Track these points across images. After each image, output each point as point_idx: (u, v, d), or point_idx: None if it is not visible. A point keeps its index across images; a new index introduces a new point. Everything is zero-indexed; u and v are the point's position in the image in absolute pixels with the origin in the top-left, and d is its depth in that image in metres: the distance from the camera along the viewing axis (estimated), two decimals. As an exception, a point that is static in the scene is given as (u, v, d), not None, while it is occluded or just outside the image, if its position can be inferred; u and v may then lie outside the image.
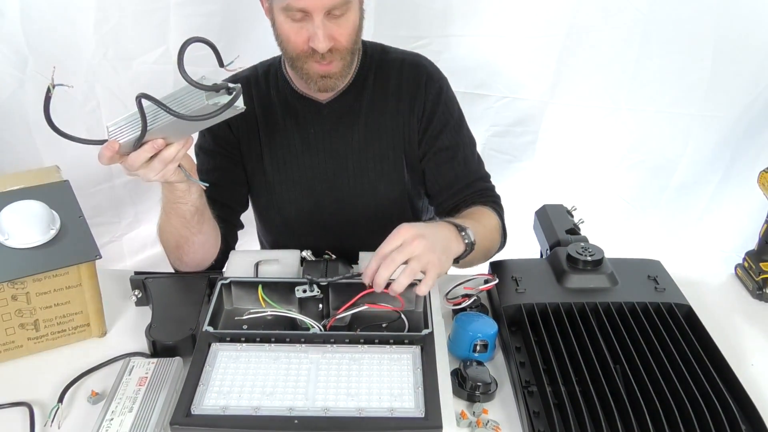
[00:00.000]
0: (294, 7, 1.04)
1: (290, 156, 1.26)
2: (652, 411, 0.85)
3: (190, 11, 1.49)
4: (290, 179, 1.27)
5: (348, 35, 1.11)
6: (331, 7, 1.05)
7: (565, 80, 1.67)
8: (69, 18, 1.45)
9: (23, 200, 1.00)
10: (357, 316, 1.02)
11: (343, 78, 1.18)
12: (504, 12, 1.58)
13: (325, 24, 1.06)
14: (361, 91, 1.24)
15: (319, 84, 1.15)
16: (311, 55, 1.10)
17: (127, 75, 1.55)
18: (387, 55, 1.27)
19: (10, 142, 1.59)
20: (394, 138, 1.26)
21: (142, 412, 0.84)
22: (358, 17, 1.12)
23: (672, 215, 1.86)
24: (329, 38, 1.08)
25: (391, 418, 0.81)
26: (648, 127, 1.71)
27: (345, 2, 1.06)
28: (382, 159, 1.27)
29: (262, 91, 1.25)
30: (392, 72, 1.25)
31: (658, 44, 1.58)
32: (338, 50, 1.11)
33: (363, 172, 1.27)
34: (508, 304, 1.07)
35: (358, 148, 1.26)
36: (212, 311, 0.97)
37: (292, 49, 1.11)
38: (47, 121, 0.89)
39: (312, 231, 1.32)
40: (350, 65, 1.17)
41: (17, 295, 0.97)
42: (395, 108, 1.25)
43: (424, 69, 1.27)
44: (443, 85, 1.28)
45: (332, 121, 1.24)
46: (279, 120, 1.25)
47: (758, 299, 1.22)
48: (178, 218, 1.10)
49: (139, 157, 0.92)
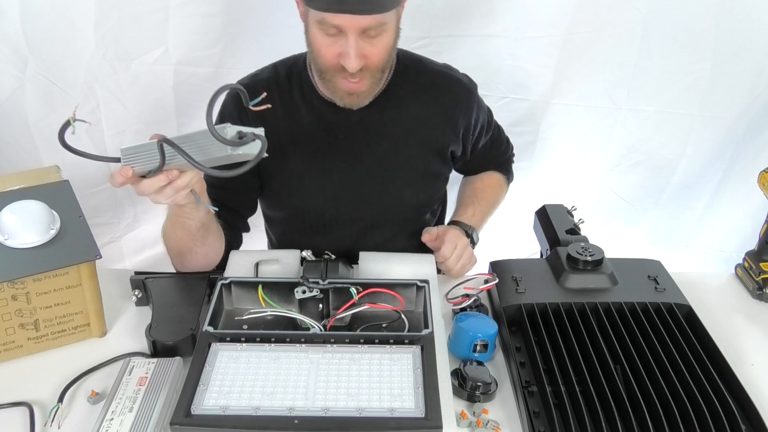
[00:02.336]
0: (329, 22, 1.02)
1: (315, 161, 1.23)
2: (652, 411, 0.85)
3: (190, 12, 1.49)
4: (314, 184, 1.25)
5: (381, 55, 1.08)
6: (367, 27, 1.03)
7: (565, 80, 1.67)
8: (69, 18, 1.45)
9: (23, 200, 1.00)
10: (357, 316, 1.02)
11: (370, 96, 1.16)
12: (504, 12, 1.58)
13: (358, 43, 1.04)
14: (393, 100, 1.22)
15: (345, 100, 1.14)
16: (340, 70, 1.08)
17: (126, 75, 1.55)
18: (422, 66, 1.26)
19: (10, 142, 1.58)
20: (424, 148, 1.26)
21: (142, 412, 0.84)
22: (393, 37, 1.10)
23: (672, 215, 1.86)
24: (361, 57, 1.05)
25: (391, 418, 0.81)
26: (648, 127, 1.71)
27: (381, 23, 1.03)
28: (411, 168, 1.26)
29: (285, 93, 1.22)
30: (428, 83, 1.24)
31: (658, 44, 1.58)
32: (369, 69, 1.09)
33: (390, 180, 1.26)
34: (508, 304, 1.07)
35: (386, 156, 1.24)
36: (212, 311, 0.97)
37: (322, 62, 1.09)
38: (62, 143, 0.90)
39: (326, 233, 1.30)
40: (379, 83, 1.15)
41: (17, 295, 0.97)
42: (429, 119, 1.24)
43: (461, 84, 1.27)
44: (476, 94, 1.30)
45: (361, 129, 1.22)
46: (305, 124, 1.22)
47: (758, 299, 1.22)
48: (184, 231, 1.09)
49: (152, 185, 0.91)
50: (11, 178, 1.08)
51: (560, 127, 1.76)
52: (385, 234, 1.31)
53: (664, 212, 1.86)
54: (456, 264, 1.22)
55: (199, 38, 1.53)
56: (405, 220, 1.32)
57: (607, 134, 1.74)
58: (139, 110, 1.61)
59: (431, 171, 1.29)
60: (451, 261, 1.21)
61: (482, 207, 1.40)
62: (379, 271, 1.14)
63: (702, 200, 1.83)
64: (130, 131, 1.63)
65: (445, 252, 1.21)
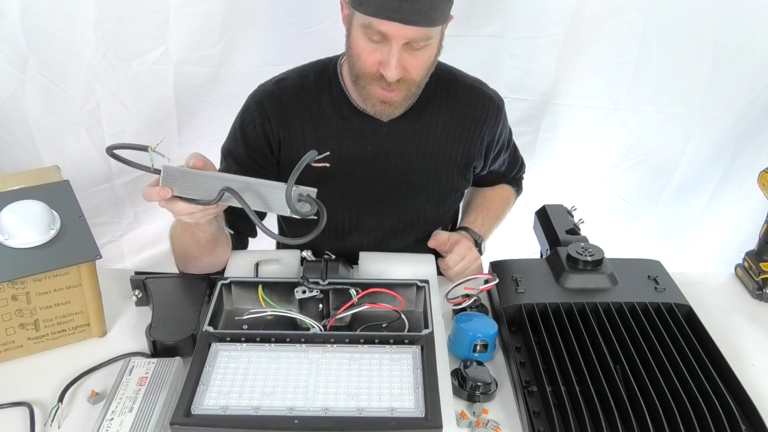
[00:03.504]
0: (375, 28, 1.01)
1: (339, 170, 1.21)
2: (652, 411, 0.85)
3: (190, 11, 1.49)
4: (336, 192, 1.23)
5: (420, 69, 1.08)
6: (412, 39, 1.02)
7: (565, 80, 1.67)
8: (69, 18, 1.45)
9: (23, 200, 1.00)
10: (357, 316, 1.02)
11: (403, 107, 1.15)
12: (504, 12, 1.58)
13: (401, 53, 1.03)
14: (425, 113, 1.21)
15: (377, 108, 1.13)
16: (378, 79, 1.07)
17: (126, 75, 1.55)
18: (455, 79, 1.25)
19: (10, 142, 1.58)
20: (449, 162, 1.25)
21: (142, 412, 0.84)
22: (435, 53, 1.09)
23: (672, 215, 1.86)
24: (401, 68, 1.04)
25: (391, 418, 0.81)
26: (648, 127, 1.71)
27: (427, 37, 1.03)
28: (435, 181, 1.26)
29: (313, 99, 1.19)
30: (460, 98, 1.24)
31: (658, 44, 1.58)
32: (406, 81, 1.08)
33: (414, 192, 1.26)
34: (508, 304, 1.07)
35: (412, 169, 1.24)
36: (212, 311, 0.97)
37: (360, 67, 1.08)
38: (110, 154, 0.90)
39: (344, 239, 1.28)
40: (413, 96, 1.14)
41: (17, 295, 0.97)
42: (459, 134, 1.24)
43: (491, 100, 1.27)
44: (503, 111, 1.30)
45: (391, 141, 1.21)
46: (332, 132, 1.20)
47: (758, 299, 1.22)
48: (193, 240, 1.09)
49: (186, 209, 0.91)
50: (11, 178, 1.08)
51: (560, 127, 1.76)
52: (401, 244, 1.30)
53: (664, 212, 1.86)
54: (458, 275, 1.21)
55: (199, 38, 1.53)
56: (423, 231, 1.31)
57: (607, 134, 1.75)
58: (139, 110, 1.61)
59: (453, 185, 1.29)
60: (453, 271, 1.21)
61: (491, 218, 1.41)
62: (379, 271, 1.14)
63: (702, 200, 1.83)
64: (130, 131, 1.63)
65: (450, 261, 1.21)
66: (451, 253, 1.21)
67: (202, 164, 0.92)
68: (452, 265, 1.21)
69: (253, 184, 0.90)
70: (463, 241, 1.25)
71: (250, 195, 0.90)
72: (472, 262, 1.23)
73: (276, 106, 1.18)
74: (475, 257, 1.24)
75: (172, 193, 0.90)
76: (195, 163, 0.91)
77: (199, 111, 1.65)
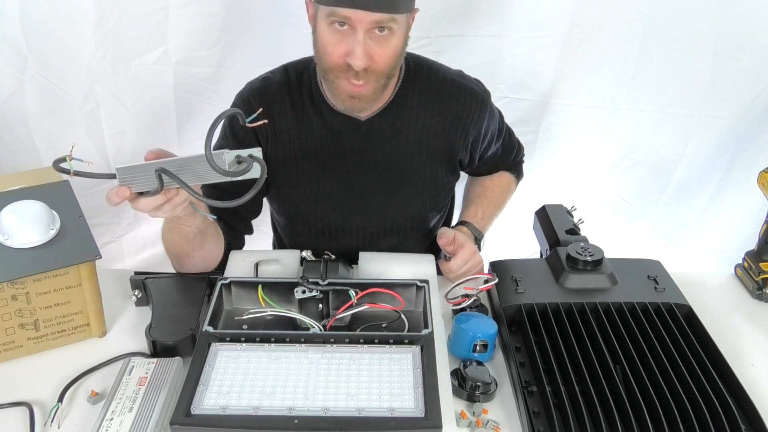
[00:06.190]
0: (339, 14, 1.01)
1: (323, 169, 1.23)
2: (652, 411, 0.85)
3: (190, 11, 1.49)
4: (321, 191, 1.24)
5: (387, 58, 1.07)
6: (377, 23, 1.02)
7: (565, 80, 1.67)
8: (68, 18, 1.45)
9: (23, 200, 1.00)
10: (357, 316, 1.02)
11: (373, 102, 1.14)
12: (504, 12, 1.58)
13: (366, 41, 1.03)
14: (404, 110, 1.21)
15: (346, 104, 1.13)
16: (345, 70, 1.07)
17: (126, 75, 1.55)
18: (435, 74, 1.24)
19: (10, 142, 1.58)
20: (432, 158, 1.25)
21: (142, 412, 0.84)
22: (401, 43, 1.09)
23: (672, 215, 1.86)
24: (367, 57, 1.04)
25: (391, 418, 0.81)
26: (648, 127, 1.71)
27: (390, 18, 1.03)
28: (419, 177, 1.26)
29: (296, 98, 1.21)
30: (439, 92, 1.22)
31: (658, 44, 1.58)
32: (374, 72, 1.07)
33: (397, 190, 1.26)
34: (508, 304, 1.07)
35: (394, 166, 1.24)
36: (212, 311, 0.97)
37: (327, 60, 1.08)
38: (56, 168, 0.89)
39: (333, 239, 1.29)
40: (382, 90, 1.13)
41: (17, 295, 0.97)
42: (439, 129, 1.23)
43: (474, 93, 1.25)
44: (489, 103, 1.28)
45: (371, 138, 1.21)
46: (314, 131, 1.21)
47: (758, 299, 1.22)
48: (181, 236, 1.09)
49: (150, 204, 0.91)
50: (11, 178, 1.08)
51: (560, 127, 1.76)
52: (391, 241, 1.31)
53: (664, 212, 1.86)
54: (459, 278, 1.20)
55: (199, 38, 1.53)
56: (411, 228, 1.31)
57: (607, 134, 1.75)
58: (139, 110, 1.61)
59: (439, 181, 1.28)
60: (455, 275, 1.21)
61: (490, 209, 1.41)
62: (379, 271, 1.14)
63: (702, 200, 1.83)
64: (130, 131, 1.63)
65: (453, 266, 1.20)
66: (455, 257, 1.20)
67: (154, 156, 0.91)
68: (455, 269, 1.20)
69: (187, 160, 0.89)
70: (468, 245, 1.23)
71: (186, 172, 0.89)
72: (475, 266, 1.22)
73: (263, 102, 1.18)
74: (479, 261, 1.24)
75: (131, 191, 0.90)
76: (147, 157, 0.91)
77: (199, 111, 1.65)
